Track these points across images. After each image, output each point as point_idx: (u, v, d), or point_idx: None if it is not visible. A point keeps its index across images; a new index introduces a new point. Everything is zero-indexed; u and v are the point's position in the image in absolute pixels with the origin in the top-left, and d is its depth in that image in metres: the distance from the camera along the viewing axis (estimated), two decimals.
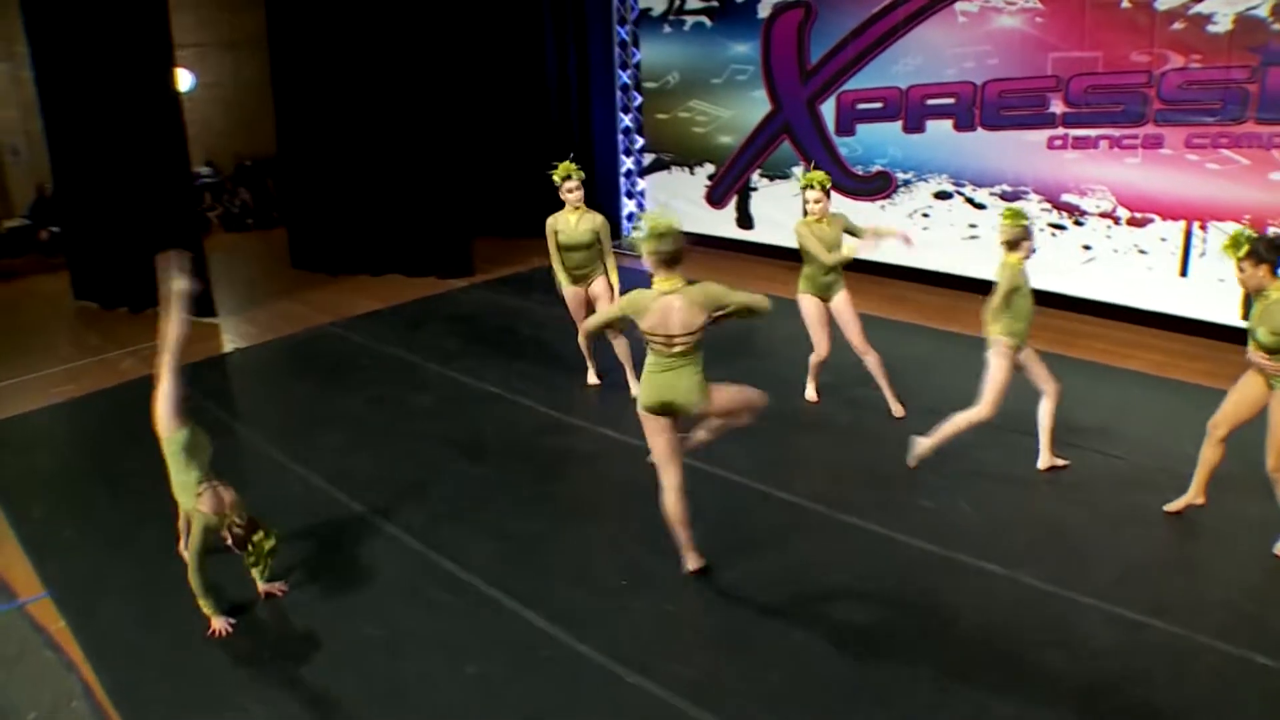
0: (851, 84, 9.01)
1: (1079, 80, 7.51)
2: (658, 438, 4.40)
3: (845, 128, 9.21)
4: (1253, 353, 4.57)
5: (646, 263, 4.24)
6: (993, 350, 5.21)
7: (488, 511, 5.35)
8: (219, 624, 4.35)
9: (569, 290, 6.73)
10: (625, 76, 10.74)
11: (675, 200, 10.78)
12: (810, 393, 6.56)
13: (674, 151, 10.70)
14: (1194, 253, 7.26)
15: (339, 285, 10.05)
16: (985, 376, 5.25)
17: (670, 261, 4.19)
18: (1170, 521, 4.96)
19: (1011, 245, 5.08)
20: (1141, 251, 7.53)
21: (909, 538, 4.87)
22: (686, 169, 10.64)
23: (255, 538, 4.33)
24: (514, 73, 11.03)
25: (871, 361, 6.19)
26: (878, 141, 9.01)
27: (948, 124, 8.45)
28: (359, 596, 4.59)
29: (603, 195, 11.39)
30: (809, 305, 6.23)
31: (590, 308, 6.71)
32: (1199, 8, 6.77)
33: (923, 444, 5.46)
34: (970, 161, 8.41)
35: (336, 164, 9.97)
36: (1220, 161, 6.95)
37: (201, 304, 8.85)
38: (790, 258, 9.56)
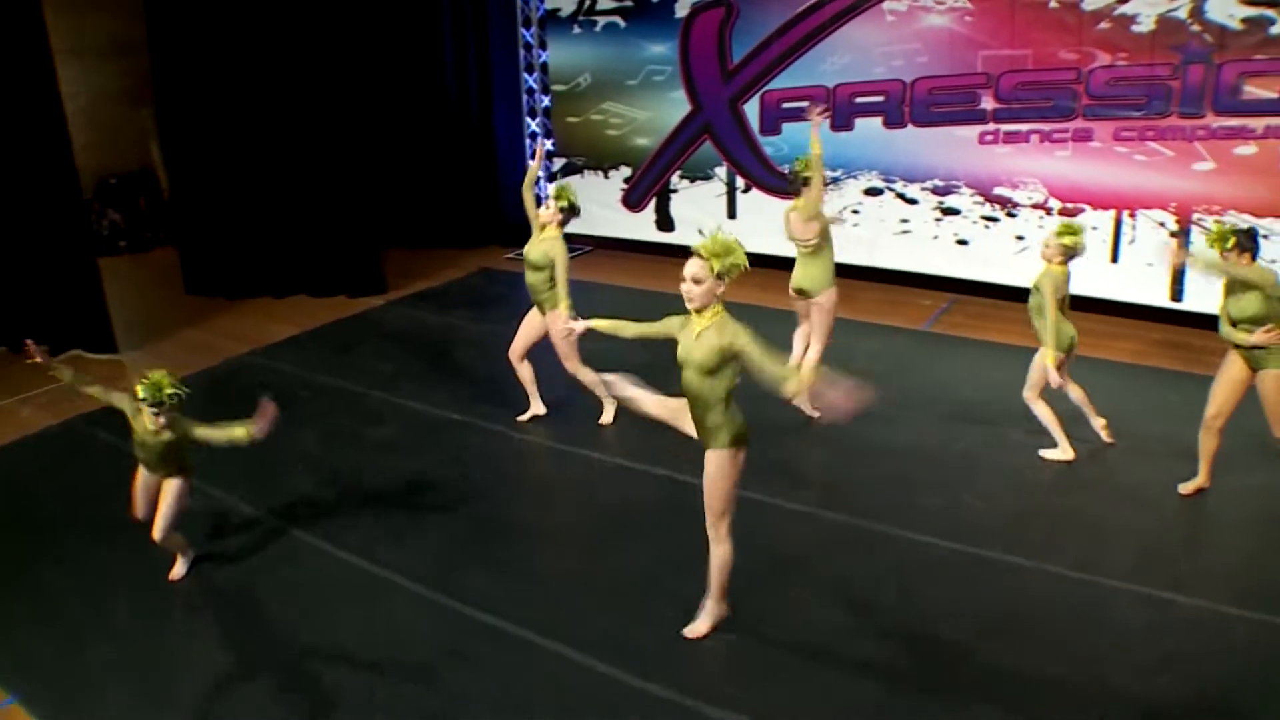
0: (776, 83, 9.01)
1: (1009, 77, 7.77)
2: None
3: (770, 127, 9.22)
4: (1232, 333, 4.85)
5: (712, 287, 3.73)
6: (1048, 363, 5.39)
7: (505, 551, 4.99)
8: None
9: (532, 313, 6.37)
10: (531, 80, 10.38)
11: (588, 205, 10.48)
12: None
13: (586, 155, 10.43)
14: (1124, 240, 7.66)
15: (242, 310, 9.23)
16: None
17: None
18: (1166, 499, 5.20)
19: (1069, 258, 5.36)
20: None
21: (934, 538, 4.90)
22: (600, 172, 10.40)
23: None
24: (413, 79, 10.45)
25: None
26: (804, 140, 8.98)
27: (877, 121, 8.59)
28: (400, 667, 4.15)
29: (510, 202, 11.01)
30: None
31: (531, 338, 6.37)
32: (1124, 8, 7.13)
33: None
34: (901, 158, 8.58)
35: (231, 179, 9.14)
36: (1147, 153, 7.35)
37: (98, 338, 7.96)
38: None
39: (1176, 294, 7.53)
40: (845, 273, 9.07)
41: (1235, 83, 6.82)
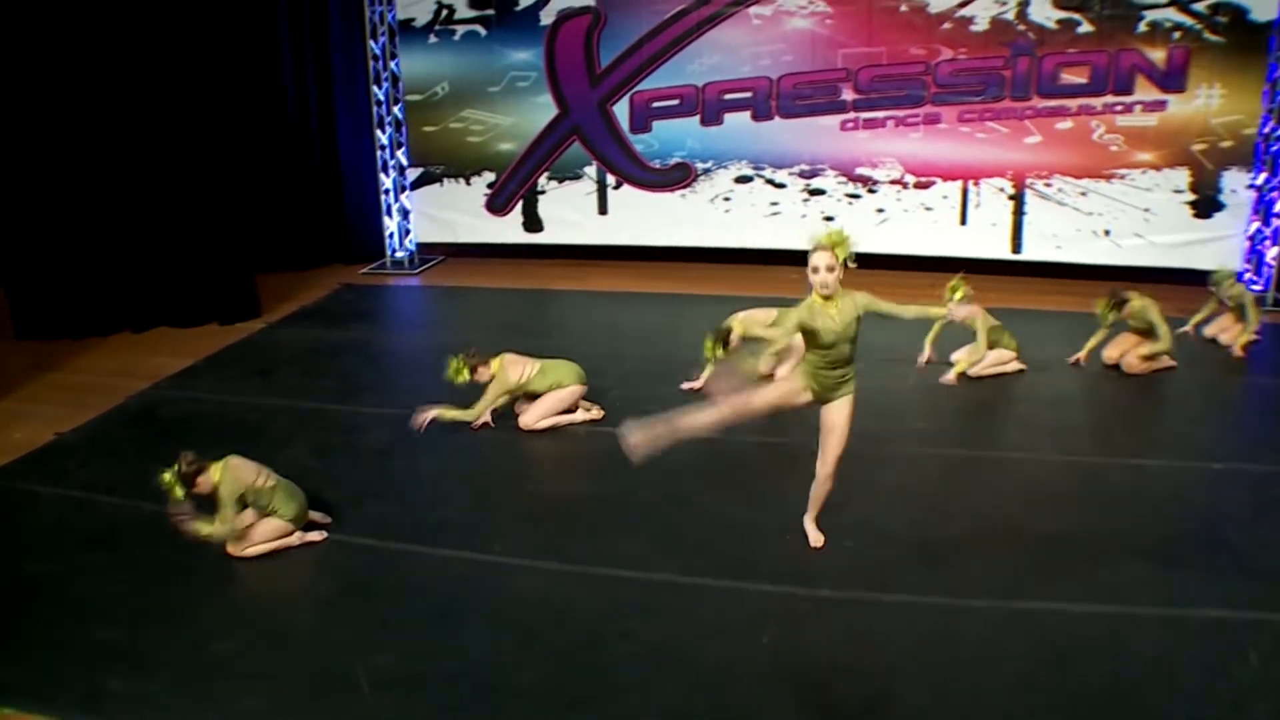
0: (646, 84, 9.57)
1: (866, 71, 8.92)
2: None
3: (641, 125, 9.74)
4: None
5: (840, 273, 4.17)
6: None
7: (615, 540, 4.90)
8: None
9: None
10: (381, 91, 10.09)
11: (449, 212, 10.44)
12: None
13: (446, 163, 10.32)
14: (970, 205, 9.06)
15: (104, 348, 8.10)
16: None
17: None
18: None
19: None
20: (928, 209, 9.17)
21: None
22: (461, 180, 10.33)
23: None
24: (251, 96, 9.72)
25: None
26: (675, 136, 9.69)
27: (745, 115, 9.42)
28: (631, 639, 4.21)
29: (356, 217, 10.61)
30: None
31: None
32: (963, 11, 8.52)
33: None
34: (769, 147, 9.47)
35: (63, 209, 8.01)
36: (986, 132, 8.80)
37: None
38: (585, 256, 10.00)
39: (1016, 248, 9.05)
40: (720, 256, 9.96)
41: (1054, 71, 8.42)
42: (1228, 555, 4.55)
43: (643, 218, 9.96)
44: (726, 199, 9.74)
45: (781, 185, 9.58)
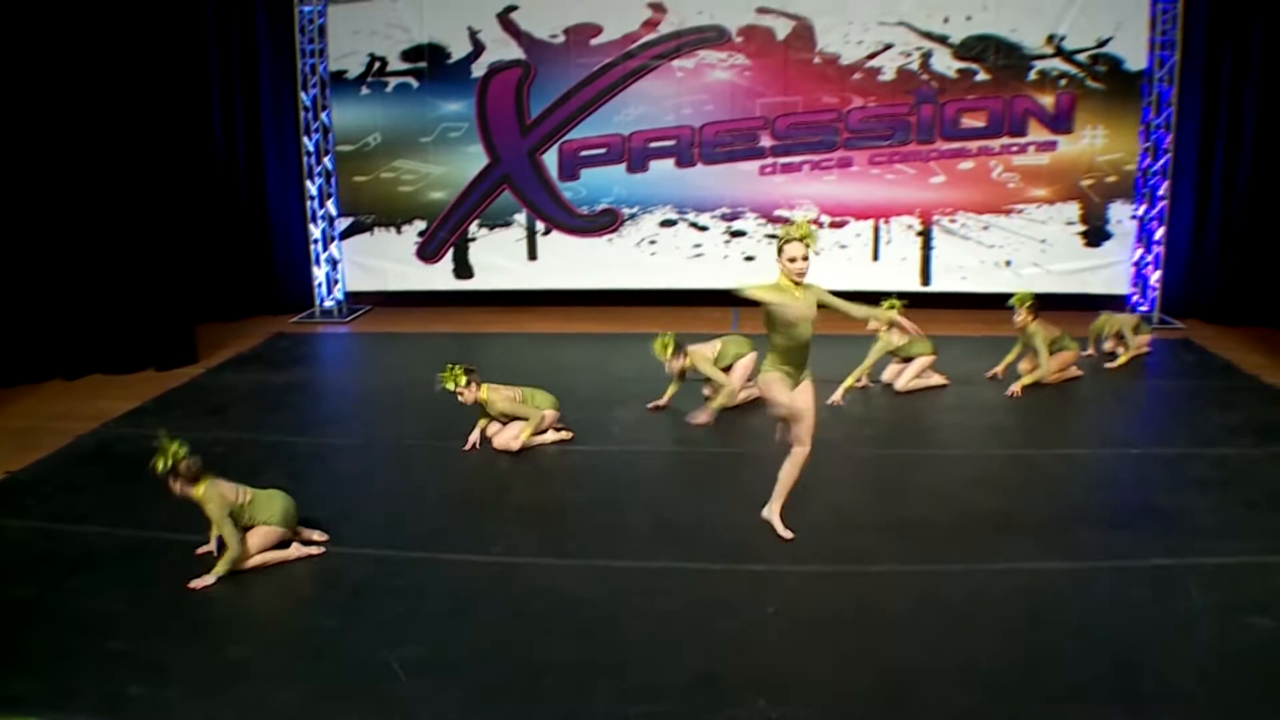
0: (574, 134, 10.03)
1: (783, 119, 9.62)
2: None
3: (569, 173, 10.17)
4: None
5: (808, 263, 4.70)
6: None
7: (608, 536, 5.18)
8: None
9: None
10: (311, 142, 10.23)
11: (380, 261, 10.56)
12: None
13: (377, 212, 10.47)
14: (882, 242, 9.78)
15: (37, 394, 7.85)
16: None
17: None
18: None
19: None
20: (842, 246, 9.86)
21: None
22: (393, 228, 10.49)
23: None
24: (180, 147, 9.70)
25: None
26: (602, 183, 10.15)
27: (669, 162, 9.98)
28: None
29: (284, 267, 10.61)
30: None
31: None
32: (872, 62, 9.33)
33: None
34: (692, 192, 10.04)
35: None
36: (895, 173, 9.59)
37: None
38: (516, 301, 10.28)
39: (926, 280, 9.80)
40: (647, 298, 10.37)
41: (955, 116, 9.31)
42: (1158, 518, 5.14)
43: (571, 262, 10.33)
44: (652, 242, 10.21)
45: (704, 228, 10.13)
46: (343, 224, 10.54)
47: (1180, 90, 8.79)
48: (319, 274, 10.62)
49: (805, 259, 4.67)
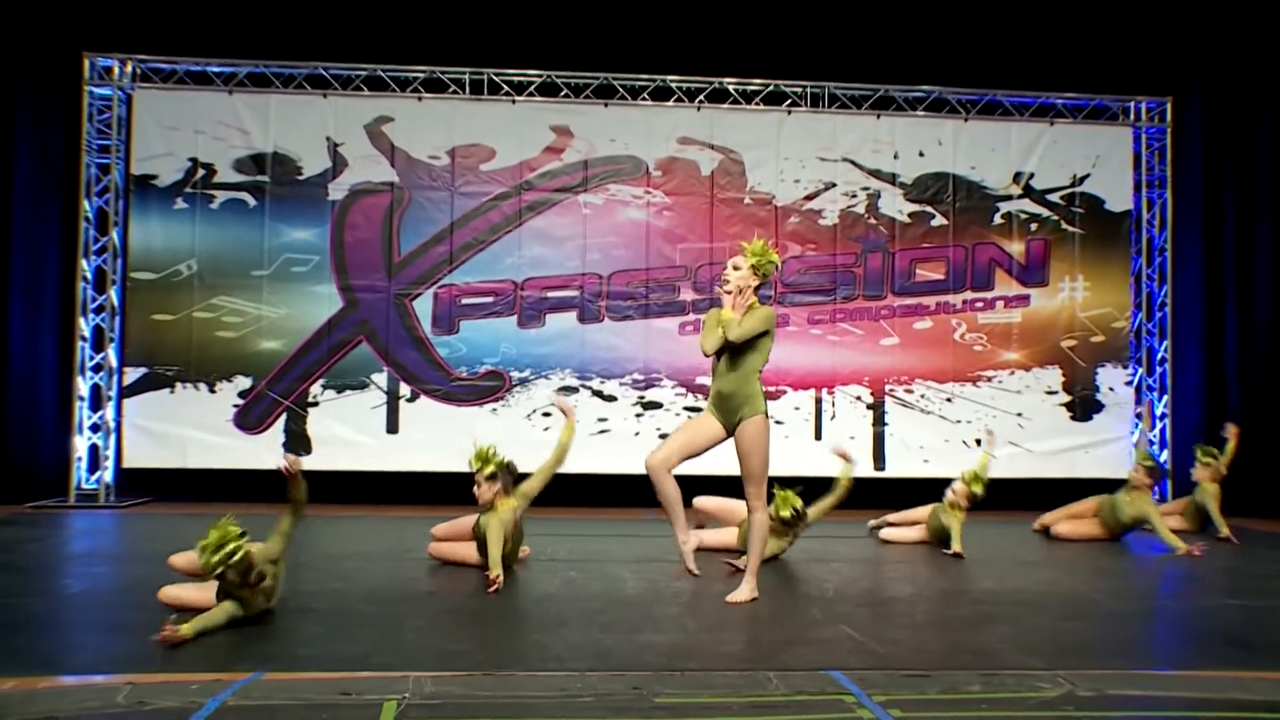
0: (455, 277, 8.15)
1: (706, 269, 8.10)
2: None
3: (446, 325, 8.17)
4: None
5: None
6: None
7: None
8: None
9: None
10: (90, 266, 7.91)
11: (179, 427, 7.97)
12: None
13: (181, 364, 8.01)
14: (825, 417, 8.08)
15: None
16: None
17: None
18: None
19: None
20: (778, 422, 8.04)
21: None
22: (203, 385, 8.01)
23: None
24: None
25: None
26: (487, 339, 8.19)
27: (571, 316, 8.19)
28: None
29: (26, 437, 7.92)
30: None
31: None
32: (811, 204, 8.06)
33: None
34: (598, 353, 8.20)
35: None
36: (839, 334, 8.09)
37: None
38: (367, 486, 7.94)
39: (879, 464, 8.05)
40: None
41: (909, 267, 8.01)
42: None
43: (443, 438, 8.01)
44: (546, 415, 8.16)
45: (611, 398, 8.20)
46: (130, 376, 8.01)
47: (1174, 233, 7.86)
48: (80, 445, 7.92)
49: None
